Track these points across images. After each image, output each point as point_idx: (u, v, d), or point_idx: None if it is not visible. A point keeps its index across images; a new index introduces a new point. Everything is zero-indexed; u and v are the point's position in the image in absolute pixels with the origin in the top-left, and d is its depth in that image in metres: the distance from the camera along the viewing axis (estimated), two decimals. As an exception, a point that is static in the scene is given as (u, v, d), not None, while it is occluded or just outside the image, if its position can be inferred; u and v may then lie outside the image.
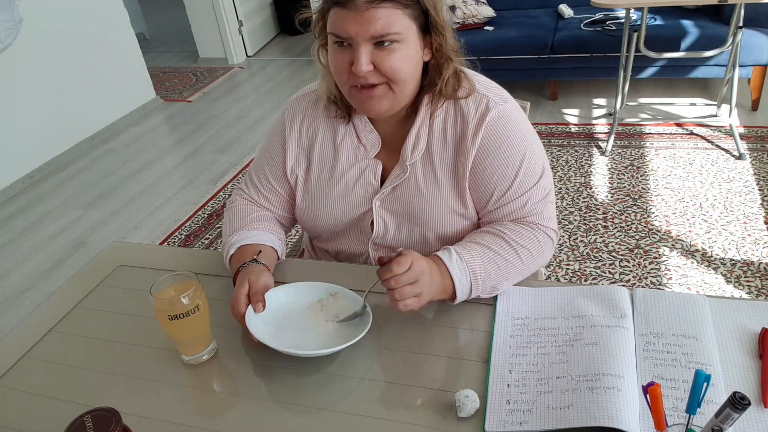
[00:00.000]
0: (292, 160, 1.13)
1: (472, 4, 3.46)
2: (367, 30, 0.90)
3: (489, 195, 1.03)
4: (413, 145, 1.05)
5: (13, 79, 3.26)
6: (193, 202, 3.00)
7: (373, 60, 0.93)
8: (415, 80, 0.99)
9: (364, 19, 0.90)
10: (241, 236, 1.08)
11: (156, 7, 6.95)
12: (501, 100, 1.03)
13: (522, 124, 1.04)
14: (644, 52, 2.81)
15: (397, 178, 1.07)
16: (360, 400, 0.83)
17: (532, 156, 1.03)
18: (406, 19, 0.93)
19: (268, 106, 4.07)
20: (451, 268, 0.93)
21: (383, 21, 0.90)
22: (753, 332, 0.85)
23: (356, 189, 1.09)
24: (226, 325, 0.99)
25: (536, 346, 0.87)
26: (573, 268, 2.20)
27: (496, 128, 1.01)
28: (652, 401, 0.62)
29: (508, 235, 0.99)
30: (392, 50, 0.93)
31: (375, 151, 1.09)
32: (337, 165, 1.10)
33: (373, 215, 1.09)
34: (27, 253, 2.75)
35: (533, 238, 1.00)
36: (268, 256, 1.06)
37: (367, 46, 0.92)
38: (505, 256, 0.97)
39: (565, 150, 3.01)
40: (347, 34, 0.92)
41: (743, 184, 2.56)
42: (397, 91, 0.97)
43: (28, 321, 1.07)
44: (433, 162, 1.05)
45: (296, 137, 1.12)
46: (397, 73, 0.94)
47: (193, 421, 0.83)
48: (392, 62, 0.93)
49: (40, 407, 0.88)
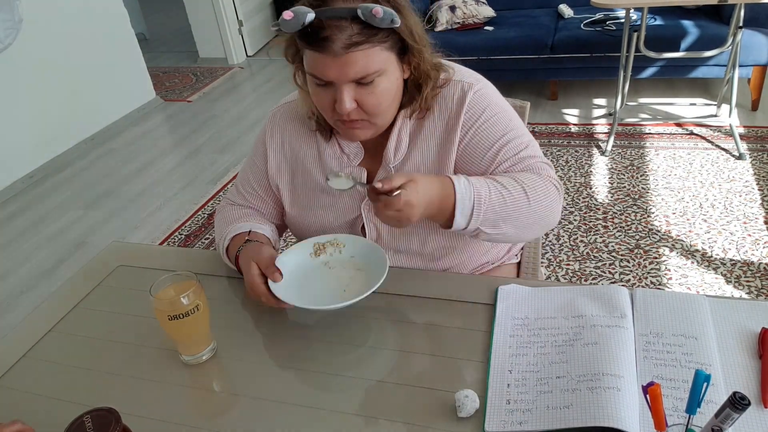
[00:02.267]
0: (273, 169, 1.13)
1: (472, 4, 3.46)
2: (347, 74, 0.89)
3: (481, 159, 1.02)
4: (395, 147, 1.05)
5: (13, 79, 3.26)
6: (193, 202, 3.00)
7: (356, 98, 0.93)
8: (395, 105, 1.00)
9: (343, 63, 0.88)
10: (233, 228, 1.09)
11: (156, 7, 6.95)
12: (474, 80, 1.04)
13: (498, 98, 1.05)
14: (644, 52, 2.81)
15: None
16: (360, 399, 0.83)
17: (515, 126, 1.03)
18: (384, 52, 0.91)
19: (268, 106, 4.05)
20: (457, 184, 0.91)
21: (362, 62, 0.89)
22: (753, 332, 0.85)
23: (343, 196, 1.09)
24: (225, 325, 0.99)
25: (536, 346, 0.87)
26: (573, 268, 2.20)
27: (475, 107, 1.02)
28: (652, 401, 0.62)
29: (517, 176, 0.97)
30: (374, 86, 0.92)
31: (358, 159, 1.08)
32: (321, 174, 1.10)
33: (363, 221, 1.09)
34: (27, 253, 2.75)
35: (541, 183, 0.97)
36: (261, 237, 1.08)
37: (349, 86, 0.91)
38: (513, 192, 0.94)
39: (565, 150, 3.01)
40: (327, 78, 0.91)
41: (743, 184, 2.56)
42: (378, 122, 0.98)
43: (28, 321, 1.07)
44: (417, 160, 1.05)
45: (278, 146, 1.13)
46: (378, 107, 0.95)
47: (193, 421, 0.83)
48: (375, 99, 0.93)
49: (40, 407, 0.88)
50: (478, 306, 0.97)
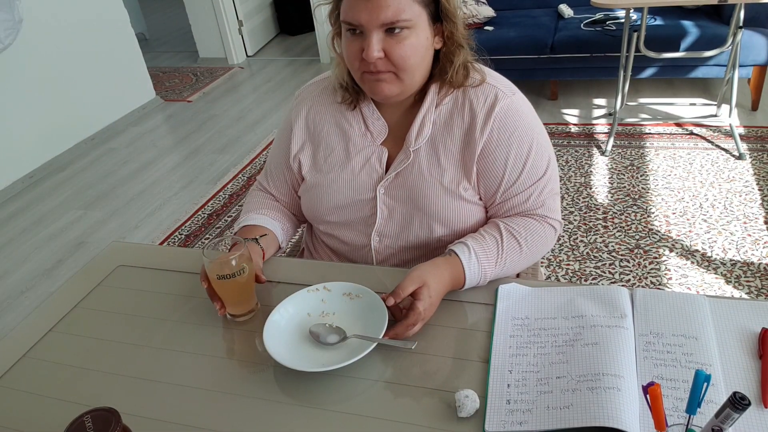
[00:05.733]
0: (296, 146, 1.16)
1: (472, 4, 3.46)
2: (377, 17, 0.93)
3: (496, 186, 1.06)
4: (418, 131, 1.06)
5: (13, 80, 3.26)
6: (193, 202, 3.00)
7: (384, 47, 0.95)
8: (423, 68, 1.01)
9: (375, 6, 0.92)
10: (248, 218, 1.16)
11: (156, 7, 6.95)
12: (509, 92, 1.05)
13: (529, 116, 1.07)
14: (644, 52, 2.81)
15: (400, 164, 1.08)
16: (360, 400, 0.83)
17: (539, 148, 1.05)
18: (416, 6, 0.95)
19: (268, 106, 4.07)
20: (468, 271, 0.97)
21: (393, 8, 0.92)
22: (753, 332, 0.85)
23: (361, 175, 1.11)
24: (227, 326, 0.99)
25: (536, 346, 0.87)
26: (573, 268, 2.20)
27: (504, 120, 1.03)
28: (652, 401, 0.62)
29: (517, 231, 1.03)
30: (402, 38, 0.95)
31: (382, 138, 1.10)
32: (343, 150, 1.12)
33: (377, 203, 1.10)
34: (27, 253, 2.75)
35: (540, 232, 1.05)
36: (269, 240, 1.14)
37: (378, 33, 0.94)
38: (517, 256, 1.02)
39: (565, 150, 3.01)
40: (358, 22, 0.94)
41: (743, 184, 2.56)
42: (405, 78, 0.99)
43: (28, 321, 1.07)
44: (438, 149, 1.06)
45: (303, 123, 1.15)
46: (406, 61, 0.97)
47: (193, 421, 0.83)
48: (402, 50, 0.95)
49: (40, 407, 0.88)
50: (478, 306, 0.97)
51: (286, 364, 0.85)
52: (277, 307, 0.95)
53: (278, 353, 0.87)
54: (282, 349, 0.89)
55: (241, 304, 0.99)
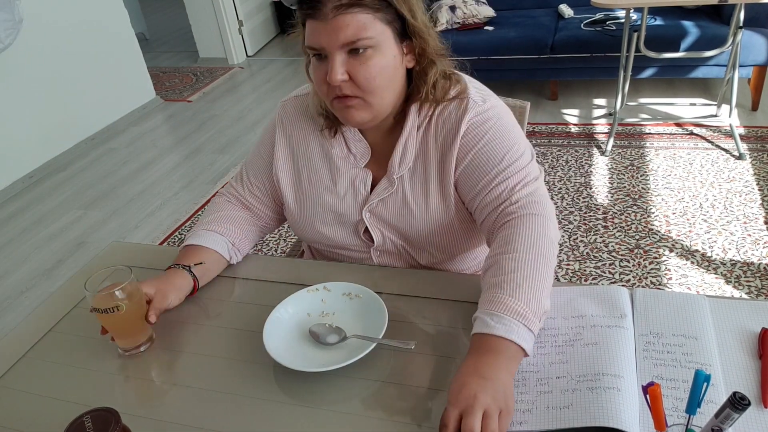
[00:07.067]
0: (279, 160, 1.12)
1: (472, 4, 3.46)
2: (337, 38, 0.89)
3: (474, 187, 0.99)
4: (400, 158, 1.03)
5: (13, 79, 3.26)
6: (193, 202, 3.00)
7: (348, 69, 0.91)
8: (393, 89, 0.97)
9: (333, 27, 0.88)
10: (195, 235, 1.10)
11: (156, 7, 6.96)
12: (481, 99, 1.01)
13: (501, 121, 1.00)
14: (644, 52, 2.81)
15: (384, 191, 1.05)
16: (360, 400, 0.83)
17: (516, 151, 0.99)
18: (379, 24, 0.90)
19: (268, 106, 4.07)
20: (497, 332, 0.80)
21: (353, 27, 0.88)
22: (753, 332, 0.85)
23: (346, 198, 1.08)
24: (227, 326, 0.99)
25: (536, 346, 0.87)
26: (573, 268, 2.20)
27: (474, 129, 0.99)
28: (652, 401, 0.62)
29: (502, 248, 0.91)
30: (366, 58, 0.91)
31: (365, 160, 1.07)
32: (327, 173, 1.09)
33: (366, 225, 1.08)
34: (27, 253, 2.75)
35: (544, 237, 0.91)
36: (206, 268, 1.07)
37: (341, 54, 0.90)
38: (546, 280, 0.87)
39: (565, 150, 3.01)
40: (319, 45, 0.91)
41: (743, 184, 2.56)
42: (373, 102, 0.95)
43: (28, 321, 1.07)
44: (421, 174, 1.03)
45: (285, 141, 1.12)
46: (371, 82, 0.92)
47: (193, 421, 0.83)
48: (367, 71, 0.91)
49: (40, 407, 0.88)
50: (478, 306, 0.97)
51: (286, 364, 0.85)
52: (277, 307, 0.95)
53: (278, 353, 0.87)
54: (282, 349, 0.89)
55: (124, 338, 0.96)
